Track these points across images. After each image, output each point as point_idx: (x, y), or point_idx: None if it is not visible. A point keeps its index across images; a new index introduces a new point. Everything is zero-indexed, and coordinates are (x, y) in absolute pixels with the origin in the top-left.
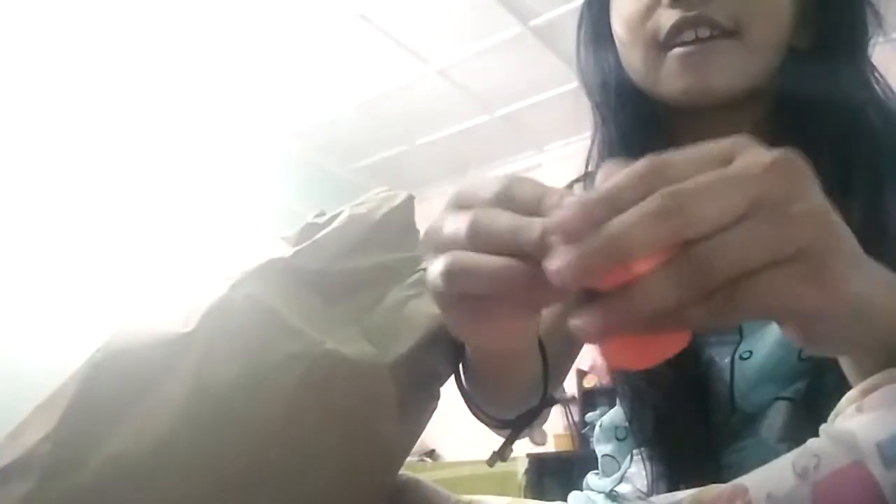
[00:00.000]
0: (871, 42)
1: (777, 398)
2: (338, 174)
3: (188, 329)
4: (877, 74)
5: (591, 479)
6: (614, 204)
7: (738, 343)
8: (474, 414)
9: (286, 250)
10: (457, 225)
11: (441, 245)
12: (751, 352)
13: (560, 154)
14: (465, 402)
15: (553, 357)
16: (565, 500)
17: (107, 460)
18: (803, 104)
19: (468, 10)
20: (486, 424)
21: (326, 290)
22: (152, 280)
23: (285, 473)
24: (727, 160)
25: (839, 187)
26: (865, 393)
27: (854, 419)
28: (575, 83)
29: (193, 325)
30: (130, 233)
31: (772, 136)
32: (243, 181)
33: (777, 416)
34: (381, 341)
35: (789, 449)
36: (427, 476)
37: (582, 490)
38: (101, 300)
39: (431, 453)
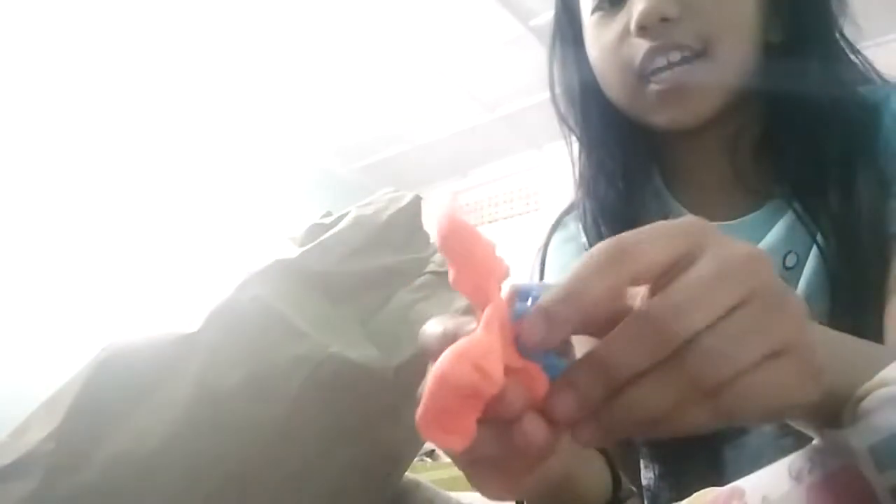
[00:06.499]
0: (841, 25)
1: None
2: (338, 174)
3: (193, 329)
4: (859, 58)
5: None
6: (613, 359)
7: None
8: None
9: (292, 251)
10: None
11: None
12: None
13: (560, 154)
14: None
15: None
16: None
17: (110, 459)
18: (782, 99)
19: (468, 11)
20: None
21: (332, 291)
22: (158, 280)
23: (288, 475)
24: (689, 247)
25: (813, 181)
26: (859, 401)
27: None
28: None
29: (199, 326)
30: (135, 232)
31: (760, 135)
32: (243, 182)
33: None
34: (386, 344)
35: (791, 443)
36: (427, 476)
37: None
38: (105, 300)
39: (431, 453)
